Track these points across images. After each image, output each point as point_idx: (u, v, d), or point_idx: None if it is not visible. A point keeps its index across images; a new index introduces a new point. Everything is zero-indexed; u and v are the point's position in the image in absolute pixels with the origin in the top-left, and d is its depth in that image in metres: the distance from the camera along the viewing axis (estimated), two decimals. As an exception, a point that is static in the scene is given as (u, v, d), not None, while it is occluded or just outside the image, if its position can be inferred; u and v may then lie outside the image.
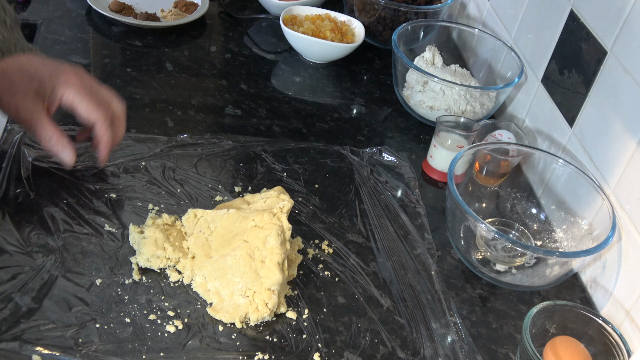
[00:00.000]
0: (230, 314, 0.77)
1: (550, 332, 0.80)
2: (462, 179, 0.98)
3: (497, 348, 0.82)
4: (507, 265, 0.91)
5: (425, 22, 1.31)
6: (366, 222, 0.95)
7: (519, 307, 0.88)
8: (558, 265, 0.87)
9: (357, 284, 0.85)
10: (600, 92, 0.93)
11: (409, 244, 0.92)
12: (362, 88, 1.25)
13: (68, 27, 1.22)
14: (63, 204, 0.86)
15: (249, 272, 0.78)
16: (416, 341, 0.79)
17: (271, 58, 1.29)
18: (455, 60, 1.30)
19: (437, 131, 1.04)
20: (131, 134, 1.00)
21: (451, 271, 0.91)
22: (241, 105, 1.13)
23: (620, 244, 0.87)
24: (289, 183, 0.98)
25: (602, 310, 0.90)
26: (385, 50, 1.35)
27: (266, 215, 0.81)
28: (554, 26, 1.06)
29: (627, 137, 0.86)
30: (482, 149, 0.98)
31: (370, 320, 0.81)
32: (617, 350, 0.77)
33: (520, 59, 1.16)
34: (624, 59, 0.88)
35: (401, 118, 1.19)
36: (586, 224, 0.93)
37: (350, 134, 1.12)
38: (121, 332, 0.73)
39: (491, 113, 1.18)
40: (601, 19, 0.94)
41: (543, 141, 1.08)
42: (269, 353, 0.74)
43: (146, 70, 1.17)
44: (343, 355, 0.76)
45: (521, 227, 0.99)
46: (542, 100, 1.09)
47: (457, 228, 0.92)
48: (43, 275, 0.77)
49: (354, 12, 1.36)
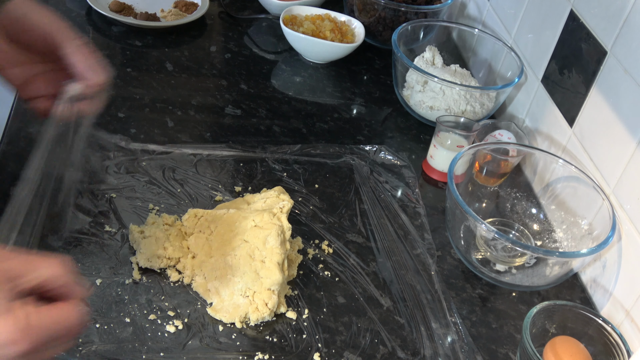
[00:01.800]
0: (230, 314, 0.77)
1: (550, 332, 0.80)
2: (462, 179, 0.98)
3: (497, 348, 0.82)
4: (507, 265, 0.91)
5: (425, 22, 1.31)
6: (366, 222, 0.95)
7: (519, 307, 0.88)
8: (558, 265, 0.87)
9: (357, 284, 0.85)
10: (600, 92, 0.93)
11: (409, 244, 0.92)
12: (362, 88, 1.25)
13: (68, 27, 1.21)
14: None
15: (249, 272, 0.78)
16: (416, 341, 0.80)
17: (271, 58, 1.29)
18: (455, 60, 1.30)
19: (437, 131, 1.04)
20: (131, 134, 1.00)
21: (451, 271, 0.91)
22: (241, 105, 1.13)
23: (620, 244, 0.87)
24: (289, 183, 0.98)
25: (602, 310, 0.90)
26: (385, 50, 1.35)
27: (266, 215, 0.81)
28: (554, 26, 1.06)
29: (627, 137, 0.86)
30: (482, 149, 0.98)
31: (370, 320, 0.81)
32: (617, 350, 0.77)
33: (520, 59, 1.16)
34: (624, 59, 0.88)
35: (401, 118, 1.19)
36: (586, 224, 0.93)
37: (350, 134, 1.12)
38: (121, 332, 0.73)
39: (491, 113, 1.18)
40: (601, 19, 0.94)
41: (543, 141, 1.08)
42: (269, 353, 0.74)
43: (146, 70, 1.17)
44: (343, 355, 0.76)
45: (521, 227, 0.99)
46: (542, 100, 1.09)
47: (457, 228, 0.92)
48: (43, 275, 0.77)
49: (354, 12, 1.36)
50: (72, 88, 0.77)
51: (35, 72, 0.81)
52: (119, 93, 1.09)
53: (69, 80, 0.78)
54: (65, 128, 0.80)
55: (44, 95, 0.81)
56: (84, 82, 0.77)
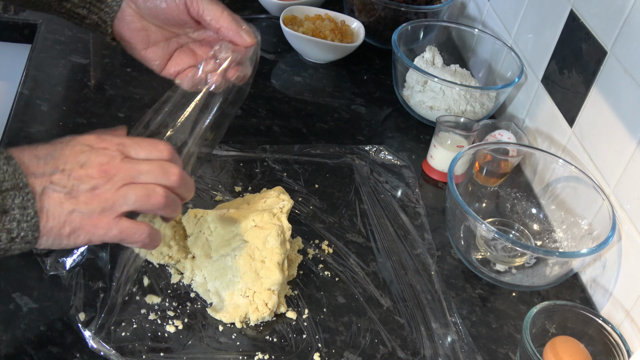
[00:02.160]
0: (230, 314, 0.77)
1: (550, 332, 0.80)
2: (462, 179, 0.98)
3: (497, 348, 0.82)
4: (507, 265, 0.91)
5: (425, 22, 1.31)
6: (366, 222, 0.95)
7: (519, 307, 0.88)
8: (558, 265, 0.87)
9: (357, 284, 0.85)
10: (600, 92, 0.93)
11: (409, 244, 0.92)
12: (362, 88, 1.25)
13: (68, 27, 1.21)
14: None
15: (249, 272, 0.78)
16: (416, 341, 0.79)
17: (271, 58, 1.29)
18: (455, 60, 1.30)
19: (437, 131, 1.04)
20: (131, 134, 1.00)
21: (451, 271, 0.91)
22: (241, 105, 1.13)
23: (620, 244, 0.87)
24: (289, 183, 0.98)
25: (602, 310, 0.90)
26: (385, 50, 1.35)
27: (266, 215, 0.81)
28: (554, 26, 1.06)
29: (627, 137, 0.86)
30: (482, 149, 0.98)
31: (370, 320, 0.81)
32: (617, 350, 0.77)
33: (520, 59, 1.16)
34: (624, 59, 0.88)
35: (401, 118, 1.19)
36: (586, 224, 0.93)
37: (350, 134, 1.12)
38: (121, 332, 0.73)
39: (491, 113, 1.18)
40: (601, 19, 0.94)
41: (543, 141, 1.08)
42: (269, 353, 0.74)
43: (146, 70, 1.16)
44: (343, 355, 0.76)
45: (521, 227, 0.99)
46: (542, 100, 1.09)
47: (457, 228, 0.92)
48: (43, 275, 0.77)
49: (354, 12, 1.36)
50: (224, 54, 0.75)
51: (173, 48, 0.81)
52: (119, 93, 1.09)
53: (216, 48, 0.76)
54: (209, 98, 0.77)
55: (186, 69, 0.80)
56: (237, 47, 0.76)
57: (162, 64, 0.81)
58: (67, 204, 0.59)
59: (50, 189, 0.59)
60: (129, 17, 0.78)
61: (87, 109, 1.04)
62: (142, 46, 0.80)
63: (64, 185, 0.59)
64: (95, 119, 1.02)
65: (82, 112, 1.03)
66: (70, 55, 1.15)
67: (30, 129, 0.96)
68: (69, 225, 0.59)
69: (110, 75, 1.13)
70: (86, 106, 1.04)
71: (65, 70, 1.11)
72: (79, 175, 0.60)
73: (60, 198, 0.59)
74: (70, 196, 0.59)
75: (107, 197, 0.60)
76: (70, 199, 0.59)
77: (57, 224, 0.59)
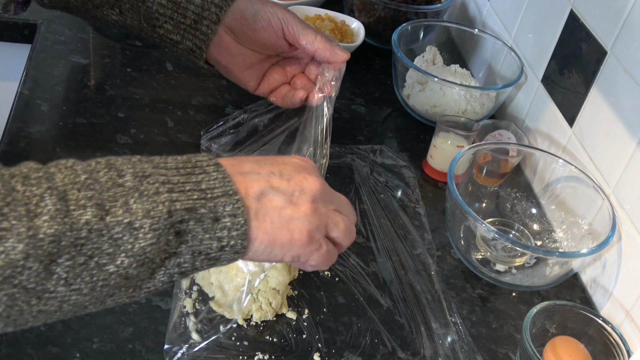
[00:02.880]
0: (233, 310, 0.76)
1: (550, 332, 0.80)
2: (462, 179, 0.98)
3: (497, 348, 0.82)
4: (507, 265, 0.91)
5: (425, 22, 1.31)
6: (366, 222, 0.95)
7: (519, 307, 0.88)
8: (558, 265, 0.87)
9: (357, 284, 0.85)
10: (600, 92, 0.93)
11: (409, 244, 0.92)
12: (362, 88, 1.25)
13: (68, 27, 1.22)
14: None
15: (255, 269, 0.77)
16: (416, 341, 0.80)
17: (271, 58, 1.29)
18: (455, 60, 1.30)
19: (437, 131, 1.04)
20: (131, 134, 1.00)
21: (451, 271, 0.91)
22: (241, 105, 1.13)
23: (620, 244, 0.87)
24: (289, 183, 0.98)
25: (602, 310, 0.90)
26: (385, 50, 1.35)
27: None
28: (554, 26, 1.06)
29: (627, 137, 0.86)
30: (482, 149, 0.98)
31: (370, 320, 0.81)
32: (617, 350, 0.77)
33: (520, 59, 1.16)
34: (624, 59, 0.88)
35: (401, 118, 1.19)
36: (586, 224, 0.93)
37: (350, 134, 1.12)
38: (121, 332, 0.73)
39: (491, 113, 1.18)
40: (601, 19, 0.94)
41: (543, 141, 1.08)
42: (269, 353, 0.74)
43: (146, 70, 1.17)
44: (343, 355, 0.76)
45: (521, 227, 0.99)
46: (542, 100, 1.09)
47: (457, 228, 0.92)
48: (43, 275, 0.77)
49: (354, 12, 1.36)
50: (329, 74, 0.81)
51: (265, 68, 0.82)
52: (119, 93, 1.09)
53: (318, 68, 0.83)
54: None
55: (278, 87, 0.83)
56: (333, 65, 0.81)
57: (256, 84, 0.85)
58: (287, 211, 0.54)
59: (272, 192, 0.53)
60: (227, 43, 0.80)
61: (87, 109, 1.04)
62: (239, 70, 0.82)
63: (283, 191, 0.54)
64: (95, 119, 1.02)
65: (82, 112, 1.03)
66: (70, 55, 1.15)
67: (30, 129, 0.96)
68: (286, 233, 0.53)
69: (110, 75, 1.13)
70: (86, 106, 1.04)
71: (65, 70, 1.11)
72: (299, 180, 0.54)
73: (281, 203, 0.53)
74: (290, 202, 0.54)
75: (323, 212, 0.55)
76: (291, 206, 0.54)
77: (272, 231, 0.53)
